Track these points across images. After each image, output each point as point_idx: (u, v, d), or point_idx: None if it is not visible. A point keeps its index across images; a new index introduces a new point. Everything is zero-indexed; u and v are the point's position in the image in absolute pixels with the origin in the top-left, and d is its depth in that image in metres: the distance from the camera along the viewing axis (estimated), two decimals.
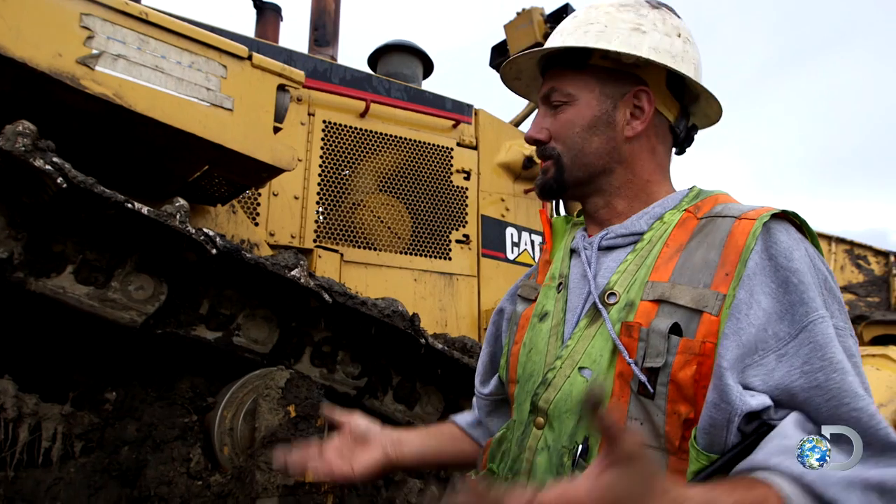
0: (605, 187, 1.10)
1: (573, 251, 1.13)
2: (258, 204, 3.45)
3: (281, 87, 2.60)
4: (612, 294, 0.99)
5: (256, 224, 3.39)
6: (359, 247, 3.72)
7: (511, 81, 1.26)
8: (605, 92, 1.07)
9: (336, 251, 3.60)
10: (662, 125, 1.11)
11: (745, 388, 0.84)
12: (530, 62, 1.18)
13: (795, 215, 0.95)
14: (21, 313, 2.07)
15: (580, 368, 0.97)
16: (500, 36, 5.18)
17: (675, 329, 0.89)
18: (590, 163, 1.08)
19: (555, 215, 1.42)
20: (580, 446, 0.93)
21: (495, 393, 1.27)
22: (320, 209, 3.68)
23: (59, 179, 1.72)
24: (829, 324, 0.85)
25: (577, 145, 1.07)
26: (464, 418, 1.33)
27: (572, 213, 5.43)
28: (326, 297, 2.20)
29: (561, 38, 1.11)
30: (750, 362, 0.85)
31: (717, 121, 1.19)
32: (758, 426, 0.84)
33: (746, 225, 0.92)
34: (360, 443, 1.16)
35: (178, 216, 1.92)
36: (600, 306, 0.98)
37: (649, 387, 0.89)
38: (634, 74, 1.08)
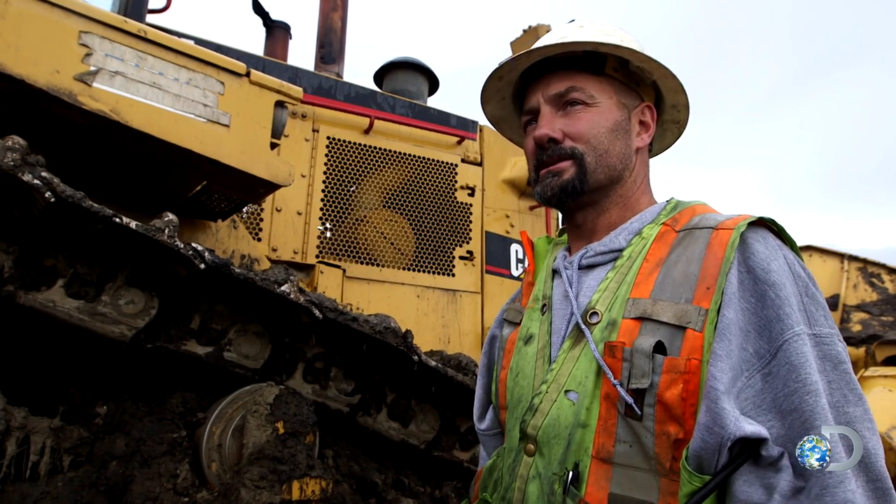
0: (611, 195, 1.08)
1: (555, 272, 1.11)
2: (261, 219, 3.46)
3: (279, 104, 2.61)
4: (595, 313, 0.96)
5: (259, 239, 3.40)
6: (362, 263, 3.72)
7: (493, 81, 1.17)
8: (621, 101, 1.09)
9: (339, 267, 3.59)
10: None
11: (741, 411, 0.82)
12: (524, 64, 1.13)
13: (773, 221, 0.93)
14: (10, 326, 2.08)
15: (566, 391, 0.95)
16: (507, 54, 5.19)
17: (660, 347, 0.87)
18: (612, 165, 1.06)
19: (559, 228, 1.40)
20: (570, 473, 0.91)
21: (492, 427, 1.23)
22: (325, 225, 3.69)
23: (48, 194, 1.73)
24: (806, 340, 0.83)
25: (602, 146, 1.05)
26: None
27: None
28: (316, 312, 2.19)
29: (583, 38, 1.06)
30: (741, 385, 0.83)
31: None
32: (743, 447, 0.81)
33: (724, 235, 0.90)
34: None
35: (166, 231, 1.93)
36: (583, 326, 0.96)
37: (636, 408, 0.87)
38: (637, 91, 1.10)
